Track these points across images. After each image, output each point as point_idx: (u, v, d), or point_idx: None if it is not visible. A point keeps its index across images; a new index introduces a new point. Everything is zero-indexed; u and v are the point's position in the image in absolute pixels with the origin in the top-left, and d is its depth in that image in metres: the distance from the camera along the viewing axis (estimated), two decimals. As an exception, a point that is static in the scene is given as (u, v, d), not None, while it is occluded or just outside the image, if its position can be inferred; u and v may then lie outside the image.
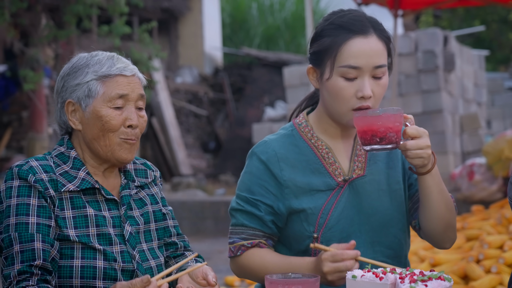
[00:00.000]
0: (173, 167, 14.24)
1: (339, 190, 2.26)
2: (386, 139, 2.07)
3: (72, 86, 2.14)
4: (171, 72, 16.38)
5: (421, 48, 9.97)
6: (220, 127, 16.60)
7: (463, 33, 16.53)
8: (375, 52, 2.20)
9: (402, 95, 10.03)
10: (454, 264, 5.19)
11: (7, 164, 12.47)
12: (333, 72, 2.20)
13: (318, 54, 2.26)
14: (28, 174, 2.05)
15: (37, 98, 10.49)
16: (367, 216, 2.26)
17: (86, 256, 2.05)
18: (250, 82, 16.36)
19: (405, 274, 1.85)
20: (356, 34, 2.20)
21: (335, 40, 2.21)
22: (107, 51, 2.23)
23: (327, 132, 2.32)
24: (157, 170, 2.40)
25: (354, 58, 2.18)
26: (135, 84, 2.17)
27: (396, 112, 2.08)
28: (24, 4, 9.73)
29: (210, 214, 9.94)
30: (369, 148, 2.09)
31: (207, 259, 7.70)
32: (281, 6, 20.44)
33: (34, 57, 10.08)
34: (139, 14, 15.49)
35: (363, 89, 2.17)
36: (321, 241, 2.22)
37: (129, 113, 2.14)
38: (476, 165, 8.13)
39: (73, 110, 2.15)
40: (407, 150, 2.11)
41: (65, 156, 2.16)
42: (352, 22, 2.22)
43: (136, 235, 2.17)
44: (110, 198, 2.15)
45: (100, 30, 10.25)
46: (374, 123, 2.06)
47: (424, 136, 2.13)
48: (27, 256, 1.98)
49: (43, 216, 2.04)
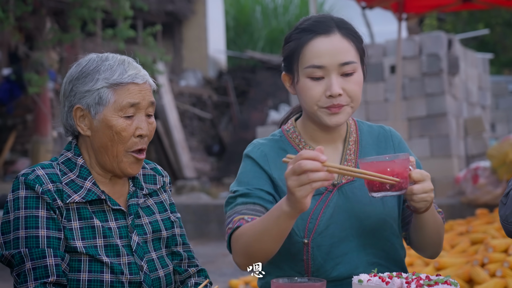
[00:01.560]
0: (177, 170, 14.24)
1: (327, 194, 2.23)
2: (396, 185, 2.02)
3: (82, 92, 2.09)
4: (175, 75, 16.39)
5: (425, 51, 9.96)
6: (224, 130, 16.60)
7: (467, 36, 16.53)
8: (339, 49, 2.18)
9: (406, 98, 10.02)
10: (459, 267, 5.18)
11: (12, 167, 12.49)
12: (300, 74, 2.20)
13: (287, 60, 2.27)
14: (35, 184, 2.02)
15: (41, 102, 10.50)
16: (359, 220, 2.23)
17: (93, 269, 2.03)
18: (254, 85, 16.37)
19: (411, 279, 1.85)
20: (318, 34, 2.19)
21: (298, 43, 2.21)
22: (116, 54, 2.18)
23: (314, 137, 2.31)
24: (167, 176, 2.36)
25: (317, 58, 2.17)
26: (146, 92, 2.12)
27: (405, 157, 2.04)
28: (28, 7, 9.75)
29: (214, 217, 9.94)
30: (380, 195, 2.04)
31: (211, 262, 7.69)
32: (285, 9, 20.46)
33: (39, 61, 10.09)
34: (144, 17, 15.51)
35: (331, 87, 2.16)
36: (312, 246, 2.20)
37: (140, 122, 2.10)
38: (481, 168, 8.12)
39: (82, 116, 2.11)
40: (413, 195, 2.07)
41: (72, 163, 2.12)
42: (315, 24, 2.22)
43: (144, 245, 2.14)
44: (117, 208, 2.12)
45: (104, 34, 10.26)
46: (385, 170, 2.01)
47: (427, 180, 2.09)
48: (40, 273, 1.96)
49: (53, 228, 2.01)
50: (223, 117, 16.85)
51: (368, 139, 2.36)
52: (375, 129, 2.40)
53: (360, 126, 2.39)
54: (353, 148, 2.32)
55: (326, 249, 2.21)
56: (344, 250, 2.22)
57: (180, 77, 16.55)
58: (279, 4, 20.60)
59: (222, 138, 16.34)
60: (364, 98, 10.27)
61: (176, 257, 2.27)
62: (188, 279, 2.27)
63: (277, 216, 1.98)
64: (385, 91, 10.23)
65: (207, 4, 17.32)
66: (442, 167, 9.74)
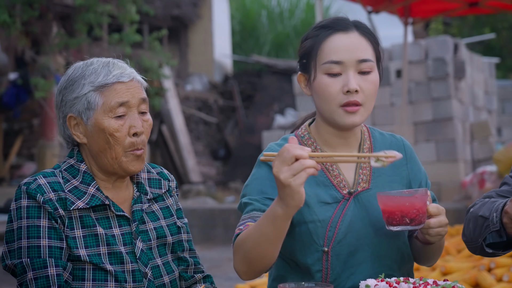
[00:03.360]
0: (183, 174, 14.25)
1: (344, 202, 2.20)
2: (416, 220, 2.02)
3: (71, 100, 2.08)
4: (181, 80, 16.42)
5: (431, 55, 9.96)
6: (230, 134, 16.61)
7: (473, 40, 16.52)
8: (357, 46, 2.18)
9: (412, 102, 10.02)
10: (466, 272, 5.17)
11: (18, 172, 12.53)
12: (317, 71, 2.19)
13: (303, 58, 2.25)
14: (36, 194, 2.01)
15: (48, 106, 10.52)
16: (374, 230, 2.21)
17: (97, 278, 2.02)
18: (259, 89, 16.38)
19: (418, 284, 1.85)
20: (336, 31, 2.19)
21: (316, 40, 2.20)
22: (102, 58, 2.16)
23: (328, 143, 2.27)
24: (173, 180, 2.33)
25: (335, 53, 2.16)
26: (134, 89, 2.09)
27: (425, 192, 2.04)
28: (35, 12, 9.79)
29: (220, 222, 9.94)
30: (398, 229, 2.04)
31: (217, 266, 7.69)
32: (290, 14, 20.47)
33: (45, 65, 10.12)
34: (150, 22, 15.54)
35: (348, 83, 2.14)
36: (331, 255, 2.16)
37: (133, 120, 2.08)
38: (487, 173, 8.11)
39: (76, 124, 2.10)
40: (429, 229, 2.07)
41: (75, 170, 2.11)
42: (333, 21, 2.22)
43: (148, 251, 2.13)
44: (120, 214, 2.11)
45: (111, 38, 10.30)
46: (404, 204, 2.02)
47: (443, 214, 2.08)
48: (42, 283, 1.96)
49: (55, 238, 2.00)
50: (229, 122, 16.86)
51: (381, 147, 2.32)
52: (387, 138, 2.37)
53: (372, 133, 2.36)
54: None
55: (344, 258, 2.17)
56: (359, 259, 2.19)
57: (186, 81, 16.57)
58: (285, 8, 20.61)
59: (228, 142, 16.35)
60: (370, 103, 10.28)
61: (182, 263, 2.25)
62: (194, 285, 2.26)
63: (272, 220, 1.92)
64: (391, 95, 10.22)
65: (213, 9, 17.35)
66: (448, 171, 9.73)
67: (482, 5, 7.72)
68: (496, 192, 2.36)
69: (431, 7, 8.03)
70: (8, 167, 12.47)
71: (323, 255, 2.17)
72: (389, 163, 1.95)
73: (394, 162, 2.17)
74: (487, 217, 2.22)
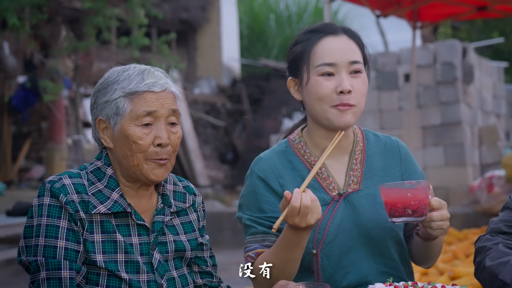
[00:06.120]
0: (190, 178, 14.27)
1: (334, 204, 2.25)
2: (418, 211, 2.04)
3: (102, 103, 2.09)
4: (189, 83, 16.44)
5: (439, 59, 9.94)
6: (238, 138, 16.62)
7: (481, 44, 16.48)
8: (348, 48, 2.24)
9: (421, 106, 10.00)
10: (474, 277, 5.14)
11: (27, 175, 12.56)
12: (310, 74, 2.24)
13: (293, 63, 2.30)
14: (59, 194, 2.00)
15: (56, 109, 10.57)
16: (366, 229, 2.24)
17: (111, 284, 2.02)
18: (267, 93, 16.38)
19: (426, 288, 1.84)
20: (327, 34, 2.26)
21: (308, 44, 2.26)
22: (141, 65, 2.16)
23: (319, 146, 2.32)
24: (199, 195, 2.33)
25: (328, 56, 2.22)
26: (165, 100, 2.07)
27: (426, 184, 2.06)
28: (44, 15, 9.83)
29: (228, 225, 9.94)
30: (400, 220, 2.06)
31: (225, 270, 7.66)
32: (298, 18, 20.49)
33: (54, 68, 10.16)
34: (158, 25, 15.58)
35: (342, 83, 2.20)
36: (321, 256, 2.21)
37: (159, 131, 2.06)
38: (495, 177, 8.08)
39: (105, 128, 2.10)
40: (431, 222, 2.09)
41: (101, 173, 2.11)
42: (322, 25, 2.29)
43: (165, 263, 2.12)
44: (141, 223, 2.10)
45: (119, 42, 10.32)
46: (406, 196, 2.04)
47: (445, 208, 2.11)
48: (54, 284, 1.95)
49: (72, 240, 2.00)
50: (237, 125, 16.87)
51: (375, 149, 2.37)
52: (382, 139, 2.41)
53: (366, 135, 2.40)
54: (359, 157, 2.33)
55: (336, 259, 2.22)
56: (353, 259, 2.23)
57: (194, 85, 16.59)
58: (293, 12, 20.63)
59: (236, 146, 16.35)
60: (378, 107, 10.25)
61: (207, 276, 2.28)
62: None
63: (299, 245, 2.09)
64: (399, 99, 10.20)
65: (221, 12, 17.38)
66: (456, 175, 9.70)
67: (491, 9, 7.70)
68: (504, 224, 2.23)
69: (439, 11, 8.02)
70: (16, 170, 12.50)
71: (313, 257, 2.21)
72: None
73: (387, 163, 2.21)
74: (508, 283, 2.08)
